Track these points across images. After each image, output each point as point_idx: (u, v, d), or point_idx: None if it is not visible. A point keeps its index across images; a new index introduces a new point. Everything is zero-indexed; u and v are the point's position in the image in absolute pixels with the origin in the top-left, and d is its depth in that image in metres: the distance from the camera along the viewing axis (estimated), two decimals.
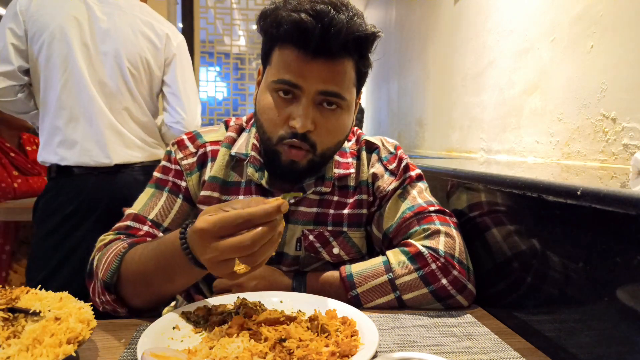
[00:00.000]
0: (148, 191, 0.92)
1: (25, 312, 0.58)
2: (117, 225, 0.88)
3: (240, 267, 0.59)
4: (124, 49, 1.63)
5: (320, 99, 0.78)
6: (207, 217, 0.60)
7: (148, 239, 0.84)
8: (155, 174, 0.94)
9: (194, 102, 1.85)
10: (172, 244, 0.68)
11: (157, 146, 1.81)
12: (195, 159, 0.92)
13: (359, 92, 0.87)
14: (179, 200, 0.90)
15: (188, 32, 3.98)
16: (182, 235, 0.66)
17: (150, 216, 0.87)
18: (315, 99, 0.78)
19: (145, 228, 0.86)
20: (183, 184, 0.91)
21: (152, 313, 0.79)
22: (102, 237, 0.86)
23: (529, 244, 0.73)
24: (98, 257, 0.80)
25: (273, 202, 0.59)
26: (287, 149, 0.80)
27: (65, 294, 0.64)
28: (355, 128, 1.02)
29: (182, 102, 1.79)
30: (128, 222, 0.87)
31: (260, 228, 0.58)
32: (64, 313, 0.57)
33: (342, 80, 0.78)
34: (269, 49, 0.81)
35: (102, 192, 1.61)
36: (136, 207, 0.89)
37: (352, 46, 0.77)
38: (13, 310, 0.58)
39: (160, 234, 0.86)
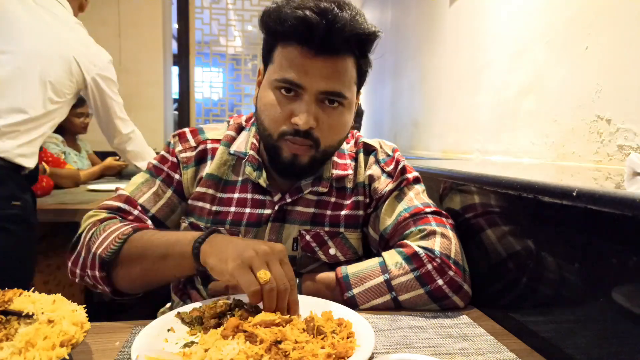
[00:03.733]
0: (143, 175, 0.94)
1: (18, 315, 0.58)
2: (109, 203, 0.90)
3: (266, 273, 0.65)
4: None
5: (323, 97, 0.79)
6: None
7: (150, 225, 0.89)
8: (153, 161, 0.96)
9: None
10: (185, 249, 0.74)
11: None
12: (194, 153, 0.93)
13: (358, 90, 0.88)
14: (169, 191, 0.92)
15: (183, 32, 3.97)
16: (195, 250, 0.72)
17: (140, 200, 0.91)
18: (318, 97, 0.79)
19: (136, 212, 0.90)
20: (177, 176, 0.93)
21: (132, 297, 0.86)
22: (91, 212, 0.89)
23: (525, 244, 0.73)
24: (93, 232, 0.83)
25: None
26: (290, 144, 0.81)
27: (58, 296, 0.63)
28: (354, 131, 1.02)
29: None
30: (120, 204, 0.90)
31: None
32: (58, 316, 0.57)
33: (343, 78, 0.80)
34: (271, 47, 0.82)
35: None
36: (128, 189, 0.92)
37: (354, 44, 0.79)
38: (5, 312, 0.58)
39: (149, 221, 0.90)
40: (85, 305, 0.62)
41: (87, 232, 0.84)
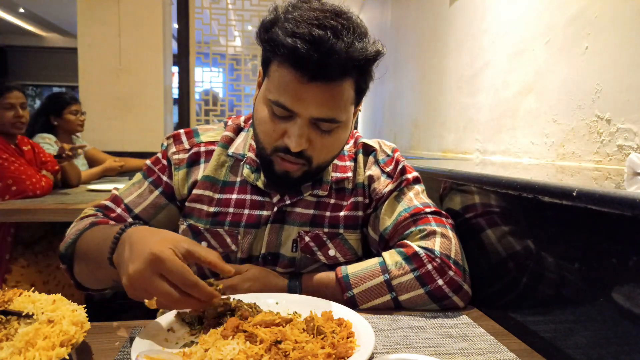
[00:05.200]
0: (137, 176, 0.97)
1: (18, 315, 0.58)
2: (101, 202, 0.94)
3: (151, 302, 0.61)
4: None
5: (316, 121, 0.77)
6: (169, 251, 0.62)
7: (112, 222, 0.88)
8: (147, 162, 0.97)
9: None
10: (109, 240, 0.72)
11: None
12: (186, 156, 0.93)
13: (358, 104, 0.85)
14: (156, 192, 0.93)
15: (183, 32, 3.96)
16: (114, 239, 0.70)
17: (126, 200, 0.93)
18: (311, 121, 0.77)
19: (119, 210, 0.92)
20: (166, 178, 0.94)
21: (98, 291, 0.87)
22: (85, 210, 0.93)
23: (525, 244, 0.73)
24: (71, 227, 0.89)
25: (214, 290, 0.64)
26: (281, 160, 0.81)
27: (58, 296, 0.63)
28: (354, 131, 1.02)
29: None
30: (107, 202, 0.93)
31: (194, 300, 0.63)
32: (57, 315, 0.57)
33: (339, 104, 0.77)
34: (268, 59, 0.79)
35: None
36: (121, 189, 0.95)
37: (352, 70, 0.76)
38: (5, 312, 0.58)
39: (130, 219, 0.91)
40: (85, 305, 0.62)
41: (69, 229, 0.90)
